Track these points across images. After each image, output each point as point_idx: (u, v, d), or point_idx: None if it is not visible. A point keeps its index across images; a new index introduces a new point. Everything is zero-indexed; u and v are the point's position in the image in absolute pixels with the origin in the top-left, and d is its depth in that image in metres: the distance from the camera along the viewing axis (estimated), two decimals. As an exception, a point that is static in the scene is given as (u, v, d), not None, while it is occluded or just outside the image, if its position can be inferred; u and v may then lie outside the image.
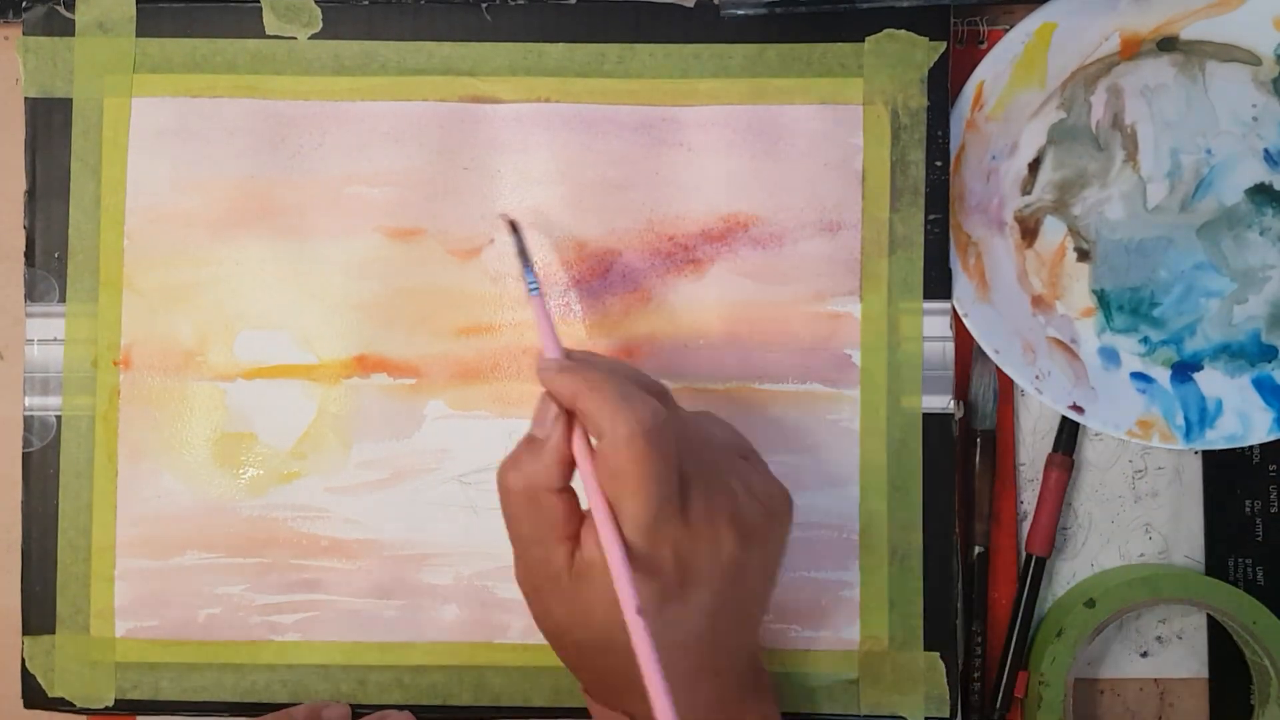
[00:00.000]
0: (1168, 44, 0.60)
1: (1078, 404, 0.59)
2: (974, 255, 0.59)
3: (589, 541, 0.46)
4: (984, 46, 0.61)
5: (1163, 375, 0.60)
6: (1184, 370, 0.60)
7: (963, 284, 0.59)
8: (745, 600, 0.49)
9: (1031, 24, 0.59)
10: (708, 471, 0.48)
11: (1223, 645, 0.61)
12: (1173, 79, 0.61)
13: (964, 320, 0.59)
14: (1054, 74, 0.60)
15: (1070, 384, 0.59)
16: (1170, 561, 0.61)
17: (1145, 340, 0.61)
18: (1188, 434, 0.59)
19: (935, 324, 0.58)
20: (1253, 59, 0.60)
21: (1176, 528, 0.61)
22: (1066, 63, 0.60)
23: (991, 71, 0.59)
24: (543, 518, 0.47)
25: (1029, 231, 0.61)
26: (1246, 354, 0.60)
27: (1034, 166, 0.61)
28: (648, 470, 0.45)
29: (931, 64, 0.58)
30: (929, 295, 0.58)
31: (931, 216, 0.58)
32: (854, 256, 0.59)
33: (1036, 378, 0.59)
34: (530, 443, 0.48)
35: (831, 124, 0.59)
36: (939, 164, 0.58)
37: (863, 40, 0.58)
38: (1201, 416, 0.59)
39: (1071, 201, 0.61)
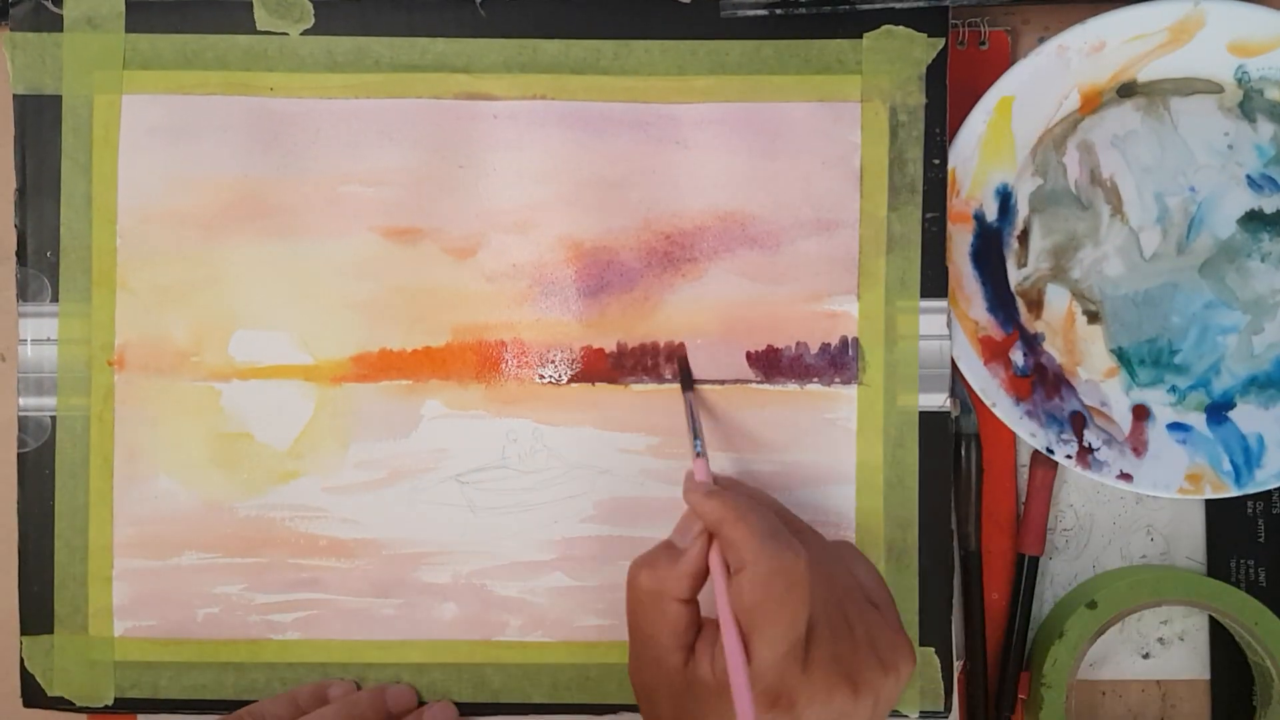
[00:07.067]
0: (1127, 89, 0.59)
1: (1125, 472, 0.59)
2: (990, 344, 0.59)
3: (704, 658, 0.48)
4: (985, 48, 0.60)
5: (1199, 420, 0.60)
6: (1218, 411, 0.60)
7: (984, 378, 0.59)
8: None
9: (989, 101, 0.58)
10: (835, 617, 0.48)
11: (1224, 646, 0.61)
12: (1140, 123, 0.60)
13: (993, 411, 0.58)
14: (1022, 144, 0.59)
15: (1113, 452, 0.59)
16: (1172, 563, 0.61)
17: (1173, 389, 0.60)
18: (1238, 479, 0.59)
19: (932, 322, 0.58)
20: (1214, 87, 0.59)
21: (1178, 529, 0.61)
22: (1031, 129, 0.59)
23: (960, 157, 0.59)
24: (665, 622, 0.48)
25: (1033, 304, 0.60)
26: (1275, 382, 0.60)
27: (1023, 238, 0.60)
28: (780, 614, 0.45)
29: (930, 61, 0.57)
30: (926, 294, 0.58)
31: (929, 215, 0.58)
32: (851, 255, 0.58)
33: (1067, 456, 0.59)
34: (668, 549, 0.50)
35: (829, 121, 0.58)
36: (937, 162, 0.58)
37: (861, 37, 0.57)
38: (1247, 457, 0.59)
39: (1068, 266, 0.60)
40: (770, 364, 0.58)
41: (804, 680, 0.46)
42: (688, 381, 0.57)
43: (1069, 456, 0.58)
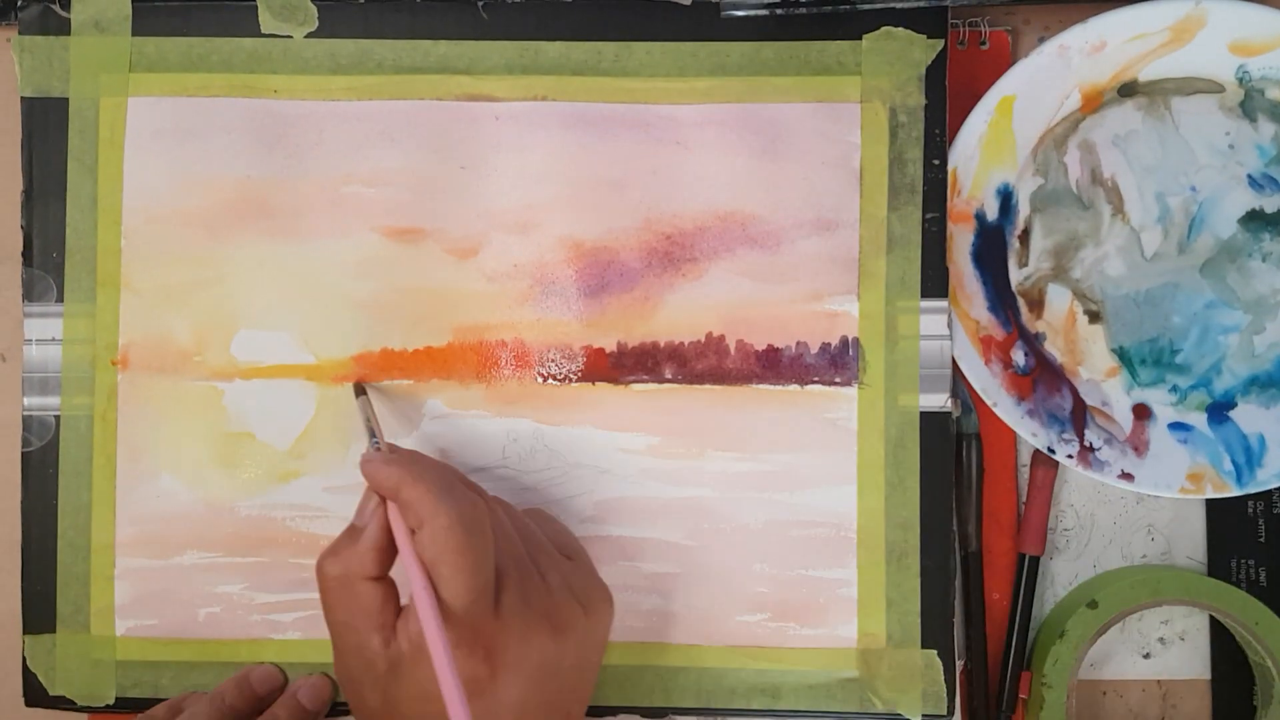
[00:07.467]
0: (1128, 89, 0.59)
1: (1126, 472, 0.58)
2: (991, 343, 0.59)
3: (404, 633, 0.48)
4: (985, 48, 0.60)
5: (1200, 420, 0.60)
6: (1219, 411, 0.60)
7: (985, 377, 0.58)
8: (559, 695, 0.49)
9: (990, 101, 0.58)
10: (526, 566, 0.49)
11: (1225, 646, 0.61)
12: (1141, 123, 0.60)
13: (993, 410, 0.58)
14: (1023, 143, 0.59)
15: (1114, 451, 0.59)
16: (1172, 562, 0.61)
17: (1175, 389, 0.60)
18: (1239, 479, 0.58)
19: (933, 322, 0.58)
20: (1215, 87, 0.59)
21: (1178, 528, 0.61)
22: (1033, 129, 0.59)
23: (961, 157, 0.59)
24: (358, 604, 0.49)
25: (1034, 303, 0.60)
26: (1276, 382, 0.60)
27: (1024, 238, 0.60)
28: (463, 561, 0.46)
29: (929, 62, 0.58)
30: (926, 294, 0.58)
31: (929, 215, 0.58)
32: (851, 255, 0.58)
33: (1069, 456, 0.59)
34: (350, 531, 0.50)
35: (829, 122, 0.58)
36: (936, 162, 0.58)
37: (860, 38, 0.58)
38: (1248, 457, 0.59)
39: (1069, 265, 0.60)
40: (770, 364, 0.58)
41: (499, 626, 0.47)
42: (360, 389, 0.58)
43: (1070, 456, 0.58)
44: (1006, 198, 0.59)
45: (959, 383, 0.59)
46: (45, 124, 0.59)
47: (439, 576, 0.46)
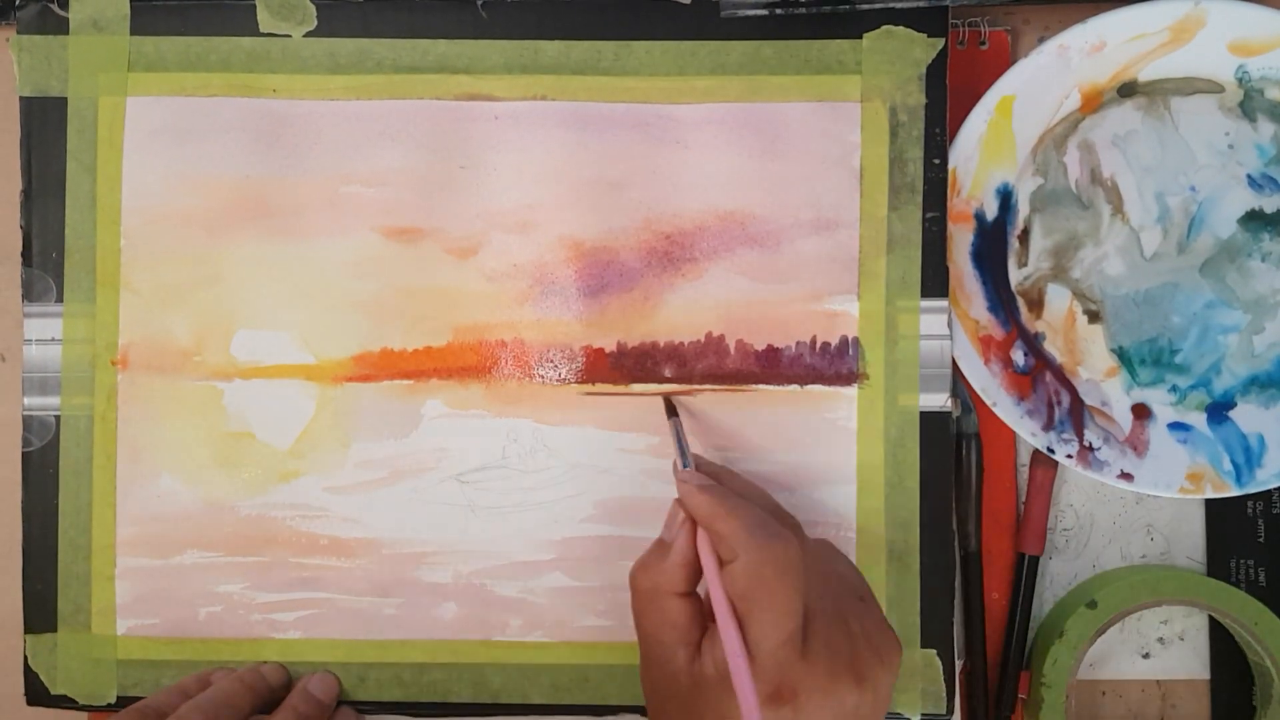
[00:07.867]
0: (1128, 89, 0.59)
1: (1125, 472, 0.58)
2: (990, 343, 0.59)
3: (709, 656, 0.47)
4: (985, 48, 0.60)
5: (1199, 420, 0.60)
6: (1219, 411, 0.60)
7: (984, 377, 0.58)
8: None
9: (990, 101, 0.58)
10: (830, 610, 0.48)
11: (1224, 646, 0.61)
12: (1140, 123, 0.60)
13: (993, 410, 0.58)
14: (1022, 143, 0.59)
15: (1114, 451, 0.59)
16: (1172, 562, 0.61)
17: (1174, 389, 0.60)
18: (1239, 479, 0.58)
19: (933, 322, 0.58)
20: (1215, 87, 0.59)
21: (1178, 528, 0.61)
22: (1032, 129, 0.59)
23: (961, 156, 0.59)
24: (665, 619, 0.48)
25: (1034, 303, 0.60)
26: (1276, 382, 0.60)
27: (1024, 237, 0.60)
28: (774, 600, 0.45)
29: (930, 61, 0.57)
30: (926, 293, 0.58)
31: (929, 215, 0.58)
32: (851, 255, 0.58)
33: (1068, 456, 0.58)
34: (659, 545, 0.50)
35: (829, 121, 0.58)
36: (937, 161, 0.58)
37: (860, 37, 0.58)
38: (1248, 457, 0.59)
39: (1069, 265, 0.60)
40: (770, 364, 0.58)
41: (805, 670, 0.46)
42: (672, 410, 0.57)
43: (1069, 456, 0.58)
44: (1006, 197, 0.59)
45: (959, 382, 0.59)
46: (44, 123, 0.59)
47: (748, 614, 0.46)
